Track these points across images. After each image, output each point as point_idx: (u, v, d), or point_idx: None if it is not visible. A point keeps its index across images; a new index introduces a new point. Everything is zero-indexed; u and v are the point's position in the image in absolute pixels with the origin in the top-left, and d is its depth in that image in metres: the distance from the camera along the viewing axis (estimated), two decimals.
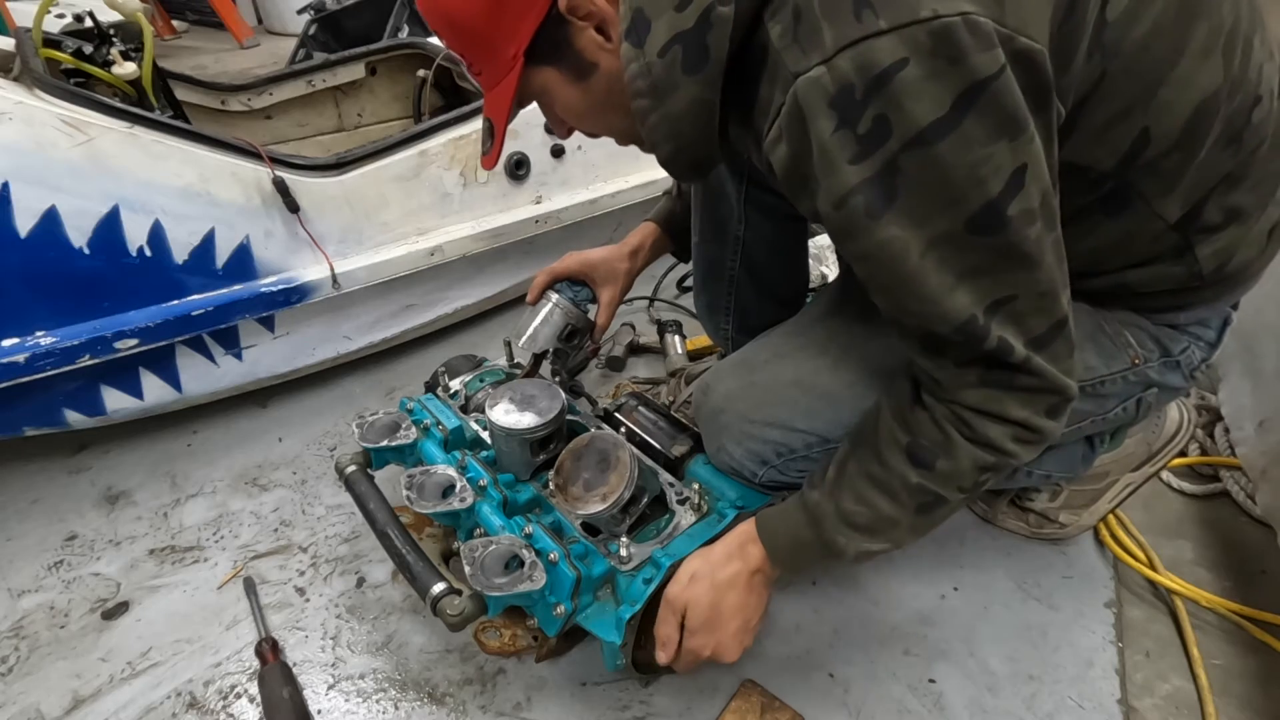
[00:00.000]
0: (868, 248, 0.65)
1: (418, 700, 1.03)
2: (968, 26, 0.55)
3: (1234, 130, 0.71)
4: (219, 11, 4.14)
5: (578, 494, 0.95)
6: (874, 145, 0.60)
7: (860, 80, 0.57)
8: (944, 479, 0.76)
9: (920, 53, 0.56)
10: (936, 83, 0.56)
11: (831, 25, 0.58)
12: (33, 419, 1.31)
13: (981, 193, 0.60)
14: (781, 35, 0.62)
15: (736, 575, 0.87)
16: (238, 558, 1.25)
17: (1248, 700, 1.03)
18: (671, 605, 0.88)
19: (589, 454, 0.98)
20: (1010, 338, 0.67)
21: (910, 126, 0.58)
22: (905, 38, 0.55)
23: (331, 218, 1.41)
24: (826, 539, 0.82)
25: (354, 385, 1.66)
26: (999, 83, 0.57)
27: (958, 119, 0.57)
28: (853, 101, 0.58)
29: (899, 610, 1.14)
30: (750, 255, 1.20)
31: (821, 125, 0.60)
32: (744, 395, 0.97)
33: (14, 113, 1.13)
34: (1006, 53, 0.56)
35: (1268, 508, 1.17)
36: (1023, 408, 0.71)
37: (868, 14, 0.56)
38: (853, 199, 0.63)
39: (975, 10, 0.55)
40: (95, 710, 1.03)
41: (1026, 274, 0.65)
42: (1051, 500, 1.19)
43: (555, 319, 1.17)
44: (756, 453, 0.96)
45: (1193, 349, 0.90)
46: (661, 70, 0.68)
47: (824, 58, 0.58)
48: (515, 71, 0.76)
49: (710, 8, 0.64)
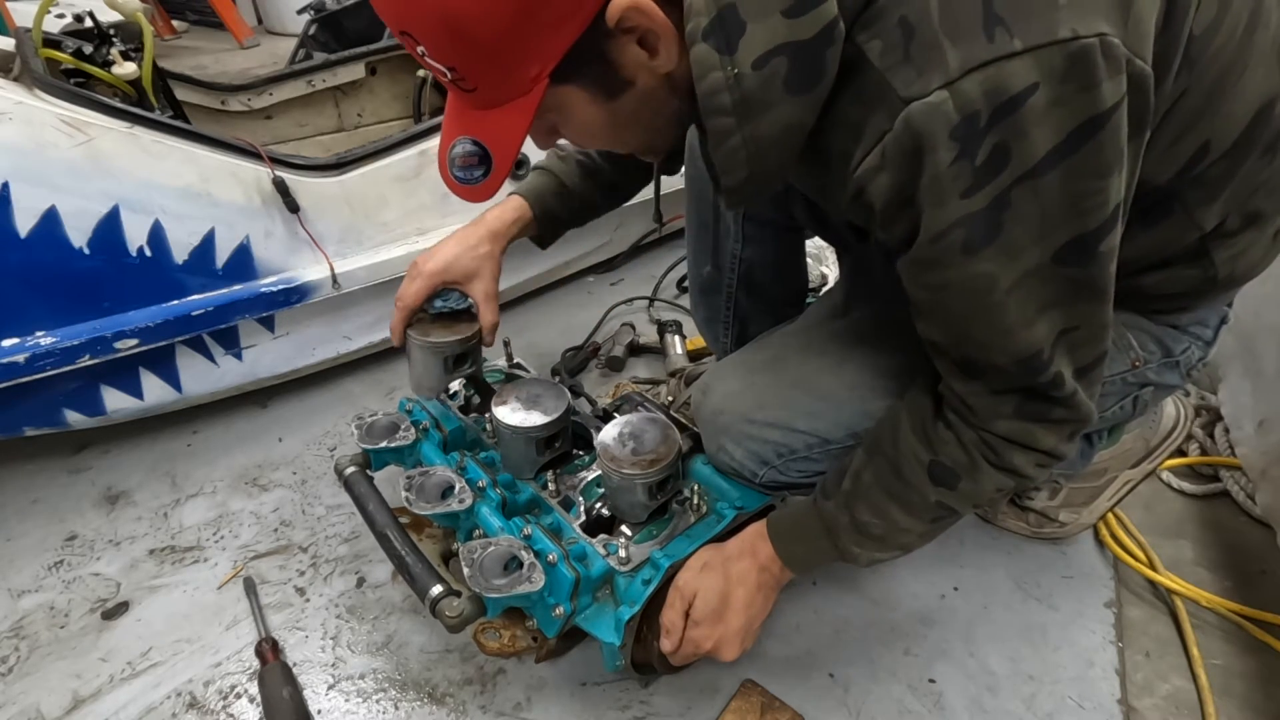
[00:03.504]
0: (953, 280, 0.61)
1: (418, 700, 1.03)
2: (1104, 50, 0.51)
3: (1273, 136, 0.69)
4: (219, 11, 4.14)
5: (624, 458, 0.93)
6: (989, 177, 0.55)
7: (988, 105, 0.52)
8: (963, 498, 0.76)
9: (1052, 77, 0.51)
10: (1060, 110, 0.52)
11: (957, 44, 0.52)
12: (33, 419, 1.31)
13: (1079, 225, 0.57)
14: (885, 53, 0.55)
15: (747, 572, 0.88)
16: (238, 558, 1.25)
17: (1248, 700, 1.02)
18: (681, 592, 0.89)
19: (639, 425, 0.98)
20: (1064, 369, 0.65)
21: (1029, 157, 0.54)
22: (1040, 60, 0.51)
23: (331, 218, 1.41)
24: (842, 548, 0.83)
25: (354, 385, 1.66)
26: (1118, 114, 0.53)
27: (1074, 149, 0.53)
28: (975, 129, 0.53)
29: (899, 610, 1.14)
30: (749, 273, 1.18)
31: (941, 156, 0.55)
32: (744, 396, 0.97)
33: (14, 113, 1.13)
34: (1126, 75, 0.52)
35: (1268, 508, 1.17)
36: (1050, 436, 0.70)
37: (1000, 32, 0.51)
38: (952, 233, 0.58)
39: (1110, 31, 0.51)
40: (95, 710, 1.03)
41: (1095, 306, 0.63)
42: (1051, 499, 1.19)
43: (429, 360, 1.06)
44: (757, 453, 0.96)
45: (1192, 348, 0.89)
46: (756, 84, 0.58)
47: (947, 80, 0.52)
48: (537, 94, 0.63)
49: (835, 21, 0.55)
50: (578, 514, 1.01)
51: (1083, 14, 0.50)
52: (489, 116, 0.67)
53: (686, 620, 0.89)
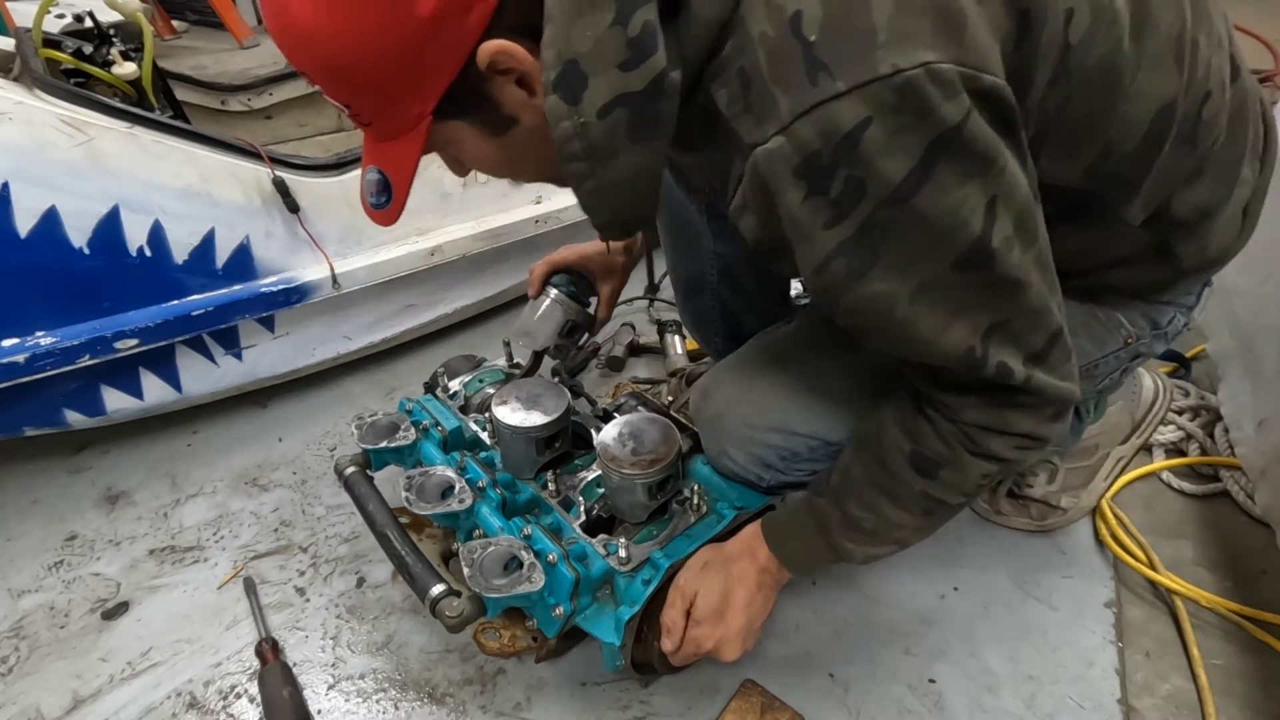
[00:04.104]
0: (855, 304, 0.64)
1: (418, 700, 1.03)
2: (931, 77, 0.53)
3: (1188, 129, 0.71)
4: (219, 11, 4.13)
5: (624, 458, 0.93)
6: (849, 207, 0.58)
7: (825, 145, 0.55)
8: (948, 487, 0.76)
9: (884, 110, 0.53)
10: (905, 137, 0.54)
11: (787, 92, 0.55)
12: (33, 419, 1.31)
13: (966, 233, 0.59)
14: (731, 103, 0.59)
15: (746, 571, 0.88)
16: (238, 558, 1.25)
17: (1248, 700, 1.02)
18: (681, 591, 0.89)
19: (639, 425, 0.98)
20: (1009, 360, 0.66)
21: (884, 185, 0.56)
22: (867, 97, 0.53)
23: (331, 218, 1.41)
24: (834, 543, 0.83)
25: (354, 385, 1.66)
26: (968, 126, 0.55)
27: (930, 169, 0.56)
28: (820, 167, 0.56)
29: (899, 610, 1.14)
30: (728, 269, 1.18)
31: (790, 196, 0.58)
32: (744, 401, 0.97)
33: (14, 113, 1.13)
34: (970, 95, 0.54)
35: (1268, 508, 1.17)
36: (1026, 420, 0.71)
37: (823, 76, 0.53)
38: (834, 262, 0.61)
39: (936, 58, 0.53)
40: (95, 710, 1.03)
41: (1017, 296, 0.64)
42: (1050, 483, 1.20)
43: (556, 315, 1.15)
44: (760, 457, 0.96)
45: (1177, 317, 0.91)
46: (601, 133, 0.61)
47: (781, 126, 0.55)
48: (421, 130, 0.67)
49: (663, 74, 0.58)
50: (578, 514, 1.01)
51: (903, 48, 0.52)
52: (388, 148, 0.71)
53: (687, 620, 0.89)
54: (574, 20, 0.57)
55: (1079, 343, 0.85)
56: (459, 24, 0.59)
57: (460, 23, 0.59)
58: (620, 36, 0.57)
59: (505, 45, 0.60)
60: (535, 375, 1.22)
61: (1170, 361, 1.60)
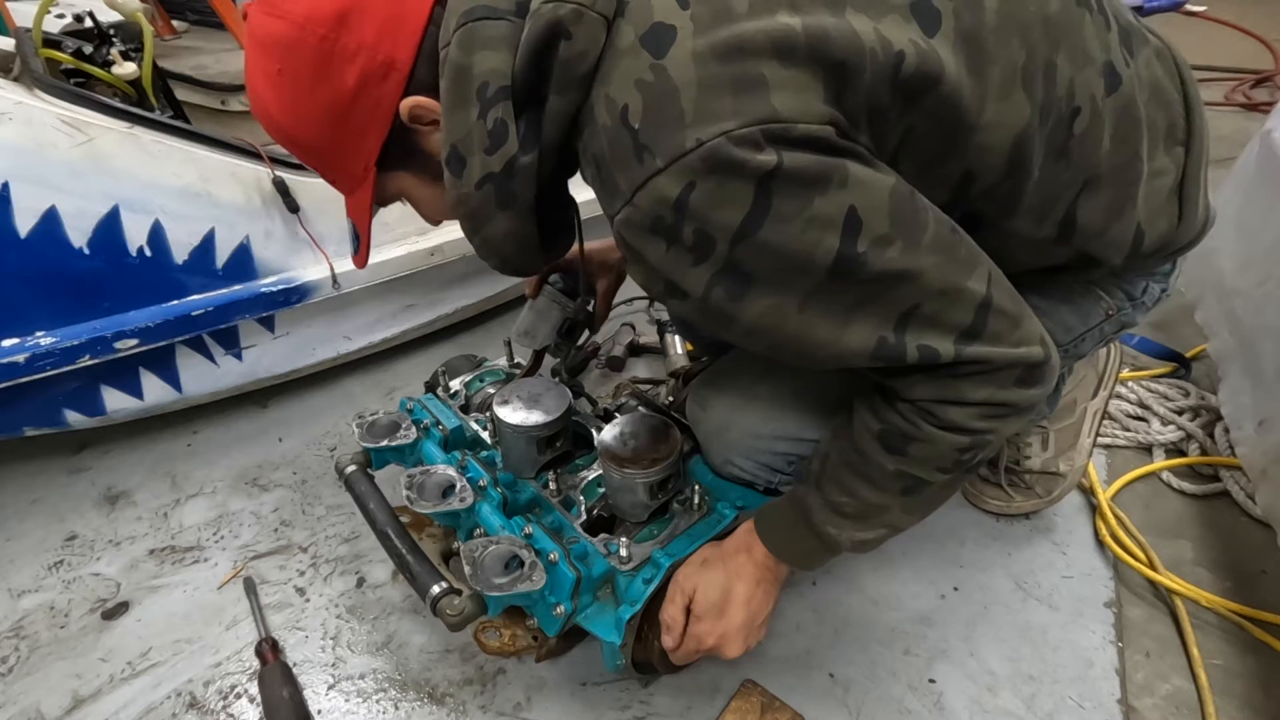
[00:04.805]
0: (747, 325, 0.69)
1: (418, 700, 1.03)
2: (732, 141, 0.59)
3: (1058, 146, 0.72)
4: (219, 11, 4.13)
5: (625, 458, 0.94)
6: (706, 251, 0.64)
7: (663, 210, 0.62)
8: (920, 463, 0.76)
9: (699, 175, 0.60)
10: (728, 189, 0.61)
11: (622, 171, 0.64)
12: (33, 419, 1.31)
13: (825, 250, 0.63)
14: (593, 180, 0.70)
15: (744, 566, 0.89)
16: (238, 558, 1.25)
17: (1248, 700, 1.02)
18: (681, 587, 0.89)
19: (640, 424, 0.98)
20: (933, 342, 0.68)
21: (726, 229, 0.62)
22: (682, 168, 0.60)
23: (331, 218, 1.41)
24: (818, 530, 0.83)
25: (354, 385, 1.66)
26: (784, 166, 0.60)
27: (766, 206, 0.61)
28: (667, 225, 0.63)
29: (899, 610, 1.14)
30: None
31: (652, 250, 0.66)
32: (749, 411, 0.96)
33: (14, 113, 1.13)
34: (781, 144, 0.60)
35: (1268, 508, 1.17)
36: (982, 388, 0.70)
37: (646, 156, 0.62)
38: (713, 292, 0.66)
39: (734, 125, 0.59)
40: (95, 710, 1.03)
41: (911, 285, 0.66)
42: (1045, 450, 1.23)
43: (554, 314, 1.17)
44: (768, 464, 0.97)
45: (1151, 286, 0.94)
46: (478, 202, 0.73)
47: (624, 201, 0.64)
48: (369, 183, 0.79)
49: (514, 159, 0.69)
50: (578, 513, 1.01)
51: (704, 124, 0.60)
52: (350, 202, 0.83)
53: (688, 616, 0.89)
54: (453, 113, 0.69)
55: (1063, 318, 0.89)
56: (379, 88, 0.71)
57: (380, 88, 0.71)
58: (481, 128, 0.69)
59: (420, 100, 0.72)
60: (536, 375, 1.22)
61: (1170, 361, 1.60)
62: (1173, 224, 0.83)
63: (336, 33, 0.69)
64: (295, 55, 0.70)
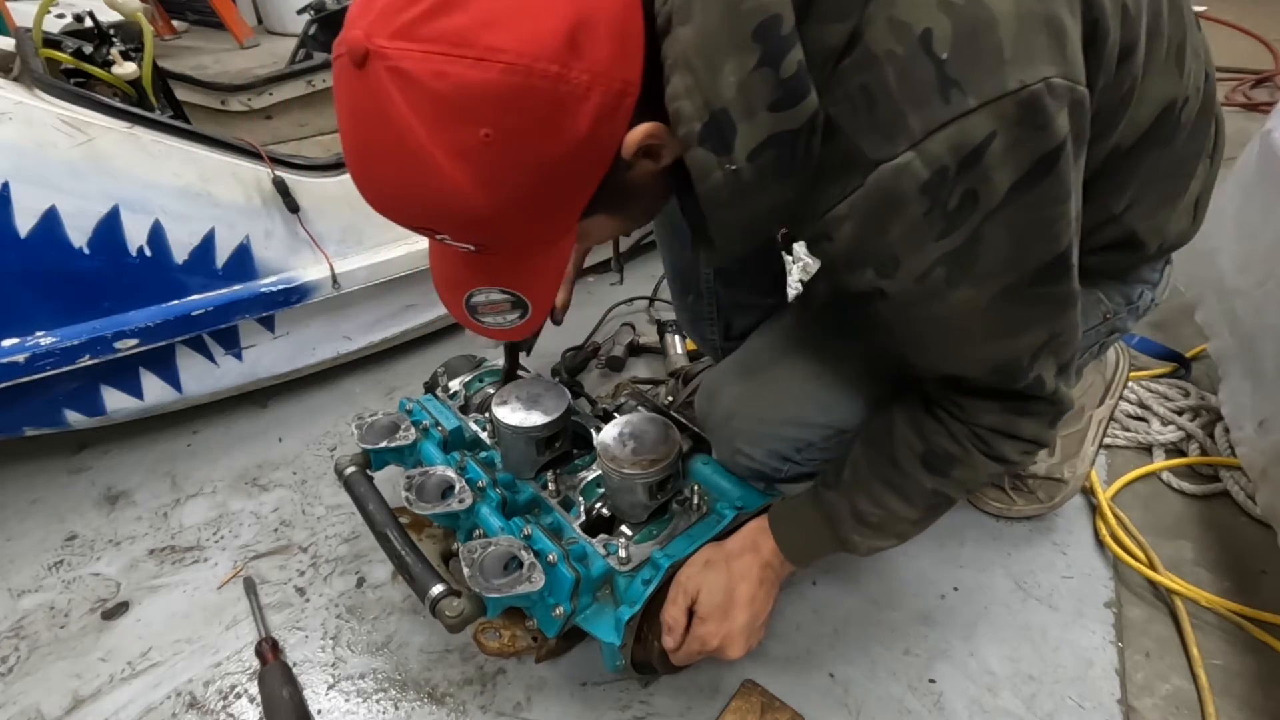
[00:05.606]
0: (938, 311, 0.65)
1: (418, 700, 1.03)
2: (1050, 91, 0.54)
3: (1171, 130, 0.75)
4: (219, 11, 4.13)
5: (624, 458, 0.94)
6: (962, 219, 0.59)
7: (953, 160, 0.56)
8: (957, 485, 0.79)
9: (1007, 124, 0.55)
10: (1019, 150, 0.56)
11: (919, 109, 0.55)
12: (33, 419, 1.31)
13: (1054, 246, 0.62)
14: (851, 118, 0.59)
15: (749, 567, 0.89)
16: (238, 558, 1.25)
17: (1248, 700, 1.02)
18: (684, 588, 0.89)
19: (639, 424, 0.99)
20: (1044, 373, 0.69)
21: (995, 195, 0.58)
22: (995, 111, 0.54)
23: (331, 218, 1.41)
24: (842, 536, 0.85)
25: (354, 385, 1.66)
26: (1069, 144, 0.57)
27: (1036, 181, 0.57)
28: (945, 181, 0.57)
29: (899, 610, 1.14)
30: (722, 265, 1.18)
31: (912, 210, 0.58)
32: (756, 396, 0.97)
33: (14, 113, 1.13)
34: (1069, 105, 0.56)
35: (1268, 508, 1.17)
36: (1033, 426, 0.74)
37: (955, 93, 0.54)
38: (935, 271, 0.62)
39: (1053, 72, 0.54)
40: (95, 710, 1.03)
41: (1069, 313, 0.67)
42: (1050, 455, 1.24)
43: None
44: (776, 451, 0.97)
45: (1145, 292, 0.97)
46: (751, 176, 0.60)
47: (912, 143, 0.56)
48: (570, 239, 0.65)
49: (817, 112, 0.58)
50: (578, 514, 1.01)
51: (1027, 63, 0.54)
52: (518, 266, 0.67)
53: (690, 617, 0.89)
54: (718, 67, 0.55)
55: None
56: (610, 125, 0.57)
57: (611, 124, 0.57)
58: (770, 78, 0.56)
59: (651, 128, 0.59)
60: (536, 375, 1.22)
61: (1170, 361, 1.60)
62: (1187, 226, 0.86)
63: (568, 66, 0.52)
64: (517, 111, 0.52)
